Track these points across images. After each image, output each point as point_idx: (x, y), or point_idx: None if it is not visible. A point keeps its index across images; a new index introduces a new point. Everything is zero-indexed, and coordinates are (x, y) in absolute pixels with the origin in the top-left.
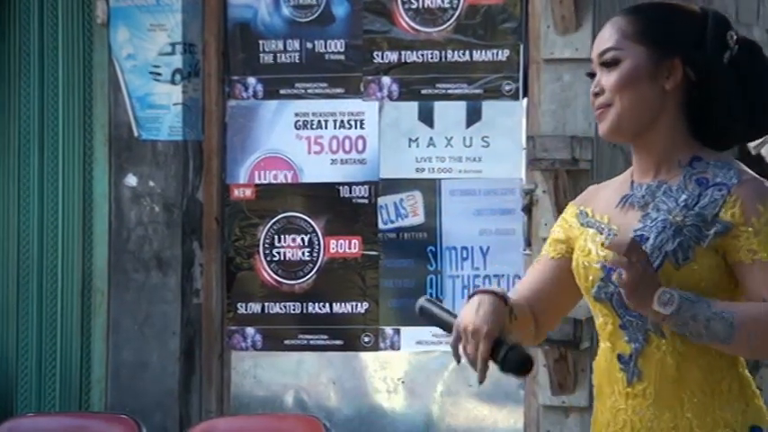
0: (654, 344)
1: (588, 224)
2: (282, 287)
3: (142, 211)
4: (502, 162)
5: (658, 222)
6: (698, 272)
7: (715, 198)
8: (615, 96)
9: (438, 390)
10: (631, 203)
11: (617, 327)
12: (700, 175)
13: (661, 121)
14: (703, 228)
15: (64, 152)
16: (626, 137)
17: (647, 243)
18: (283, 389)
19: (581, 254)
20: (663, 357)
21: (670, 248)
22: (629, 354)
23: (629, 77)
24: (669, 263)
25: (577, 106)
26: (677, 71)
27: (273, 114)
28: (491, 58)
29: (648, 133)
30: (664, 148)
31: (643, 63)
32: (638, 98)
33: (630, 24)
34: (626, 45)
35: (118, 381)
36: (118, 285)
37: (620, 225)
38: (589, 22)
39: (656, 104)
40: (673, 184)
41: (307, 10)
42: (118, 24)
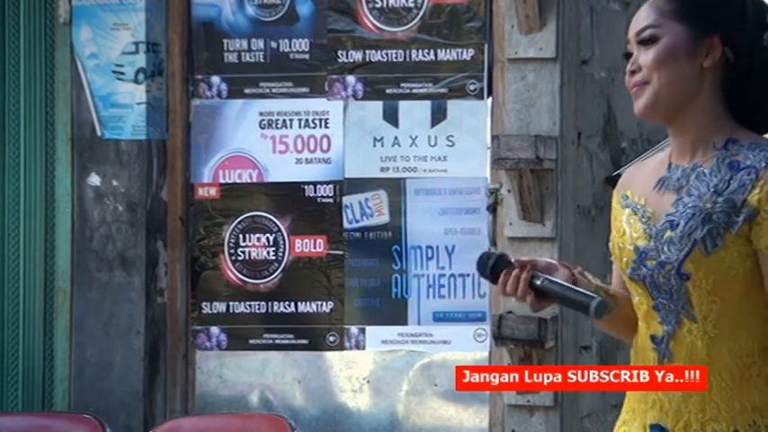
0: (686, 327)
1: (627, 205)
2: (247, 286)
3: (106, 211)
4: (467, 161)
5: (689, 209)
6: (727, 259)
7: (744, 182)
8: (653, 74)
9: (404, 389)
10: (667, 186)
11: (650, 308)
12: (732, 158)
13: (698, 100)
14: (733, 214)
15: (25, 151)
16: (661, 115)
17: (677, 229)
18: (249, 388)
19: (617, 234)
20: (693, 341)
21: (699, 236)
22: (661, 335)
23: (667, 55)
24: (699, 249)
25: (542, 106)
26: (716, 50)
27: (238, 113)
28: (456, 57)
29: (684, 113)
30: (699, 129)
31: (682, 41)
32: (675, 76)
33: (669, 2)
34: (664, 23)
35: (81, 380)
36: (81, 285)
37: (656, 208)
38: (553, 21)
39: (693, 83)
40: (706, 167)
41: (271, 9)
42: (80, 23)
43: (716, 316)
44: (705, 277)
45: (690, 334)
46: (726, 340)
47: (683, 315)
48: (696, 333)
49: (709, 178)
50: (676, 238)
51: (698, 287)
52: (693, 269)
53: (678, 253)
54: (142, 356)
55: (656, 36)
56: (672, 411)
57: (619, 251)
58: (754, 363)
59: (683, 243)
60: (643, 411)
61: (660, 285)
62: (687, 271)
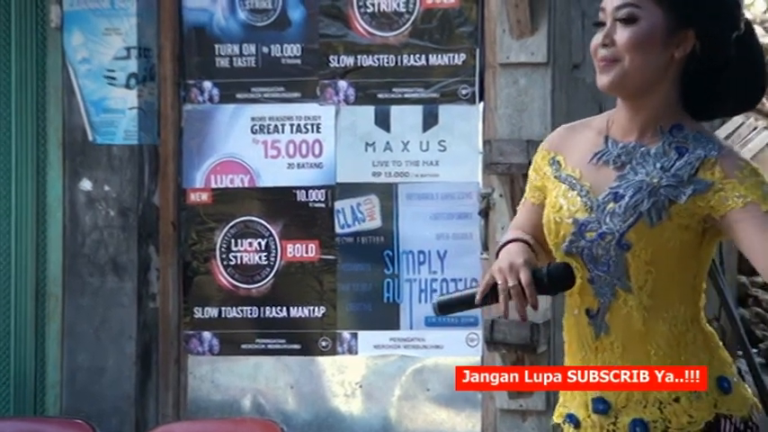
0: (621, 299)
1: (560, 178)
2: (239, 291)
3: (97, 216)
4: (458, 166)
5: (635, 183)
6: (667, 232)
7: (692, 163)
8: (626, 54)
9: (396, 394)
10: (605, 161)
11: (585, 281)
12: (680, 144)
13: (660, 87)
14: (679, 186)
15: (17, 156)
16: (623, 93)
17: (622, 201)
18: (241, 393)
19: (552, 209)
20: (629, 312)
21: (644, 208)
22: (597, 308)
23: (643, 39)
24: (643, 222)
25: (533, 110)
26: (689, 43)
27: (230, 118)
28: (447, 62)
29: (644, 96)
30: (652, 112)
31: (660, 28)
32: (647, 61)
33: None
34: (645, 4)
35: (73, 385)
36: (73, 290)
37: (593, 181)
38: (544, 26)
39: (661, 70)
40: (651, 148)
41: (263, 14)
42: (72, 28)
43: (651, 286)
44: (645, 248)
45: (625, 305)
46: (660, 310)
47: (618, 287)
48: (632, 304)
49: (655, 158)
50: (620, 209)
51: (637, 257)
52: (635, 239)
53: (621, 224)
54: (134, 361)
55: (635, 16)
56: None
57: (555, 225)
58: (688, 330)
59: (627, 214)
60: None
61: (598, 257)
62: (629, 241)
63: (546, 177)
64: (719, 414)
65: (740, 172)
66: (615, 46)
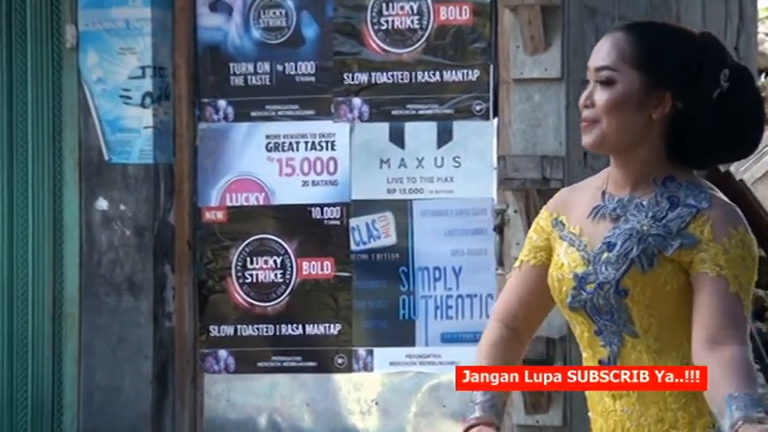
0: (629, 344)
1: (563, 237)
2: (255, 309)
3: (113, 235)
4: (473, 182)
5: (626, 231)
6: (662, 276)
7: (683, 215)
8: (603, 116)
9: (412, 411)
10: (602, 215)
11: (593, 333)
12: (672, 194)
13: (643, 145)
14: (668, 238)
15: (33, 176)
16: (607, 153)
17: (614, 250)
18: (257, 411)
19: (554, 267)
20: (639, 356)
21: (635, 255)
22: (608, 357)
23: (619, 102)
24: (635, 268)
25: (548, 126)
26: (666, 103)
27: (244, 137)
28: (461, 78)
29: (630, 153)
30: (641, 167)
31: (635, 90)
32: (624, 122)
33: (629, 46)
34: (622, 68)
35: (90, 405)
36: (89, 309)
37: (591, 236)
38: (558, 42)
39: (640, 130)
40: (644, 200)
41: (277, 32)
42: (87, 48)
43: (656, 329)
44: (642, 292)
45: (634, 350)
46: (669, 350)
47: (624, 333)
48: (640, 348)
49: (648, 208)
50: (613, 257)
51: (636, 302)
52: (631, 285)
53: (615, 272)
54: (150, 380)
55: (612, 79)
56: (632, 429)
57: (558, 283)
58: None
59: (619, 262)
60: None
61: (600, 308)
62: (625, 287)
63: (553, 239)
64: None
65: (728, 240)
66: (594, 107)
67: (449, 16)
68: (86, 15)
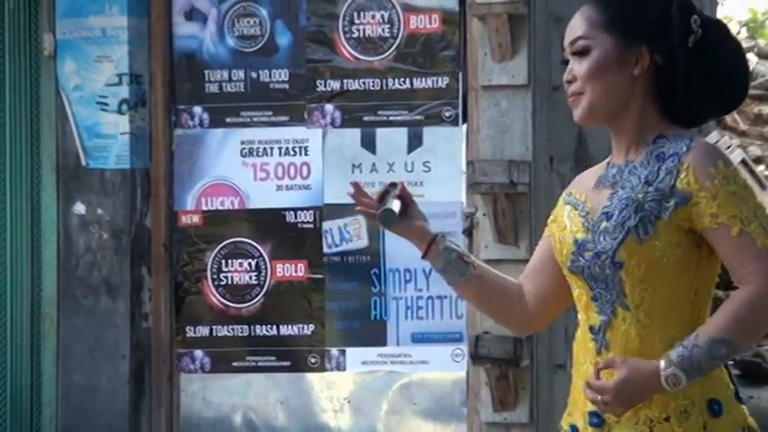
0: (620, 316)
1: (569, 202)
2: (230, 310)
3: (91, 238)
4: (443, 186)
5: (622, 200)
6: (660, 248)
7: (670, 170)
8: (586, 85)
9: (383, 408)
10: (604, 184)
11: (589, 299)
12: (659, 150)
13: (631, 105)
14: (663, 201)
15: (11, 181)
16: (599, 122)
17: (612, 219)
18: (232, 410)
19: (558, 228)
20: (627, 329)
21: (632, 224)
22: (599, 325)
23: (598, 66)
24: (632, 238)
25: (515, 131)
26: (644, 58)
27: (219, 142)
28: (431, 85)
29: (619, 117)
30: (633, 129)
31: (611, 52)
32: (607, 86)
33: (598, 14)
34: (595, 34)
35: (68, 403)
36: (67, 311)
37: (593, 204)
38: (525, 49)
39: (625, 91)
40: (637, 162)
41: (251, 40)
42: (65, 56)
43: (648, 304)
44: (637, 266)
45: (624, 322)
46: (657, 329)
47: (617, 304)
48: (630, 321)
49: (640, 171)
50: (610, 227)
51: (630, 275)
52: (626, 257)
53: (612, 242)
54: (127, 379)
55: (588, 47)
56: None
57: (560, 245)
58: None
59: (616, 232)
60: (583, 400)
61: (597, 276)
62: (620, 259)
63: (559, 207)
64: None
65: (711, 183)
66: (577, 79)
67: (418, 25)
68: (64, 24)
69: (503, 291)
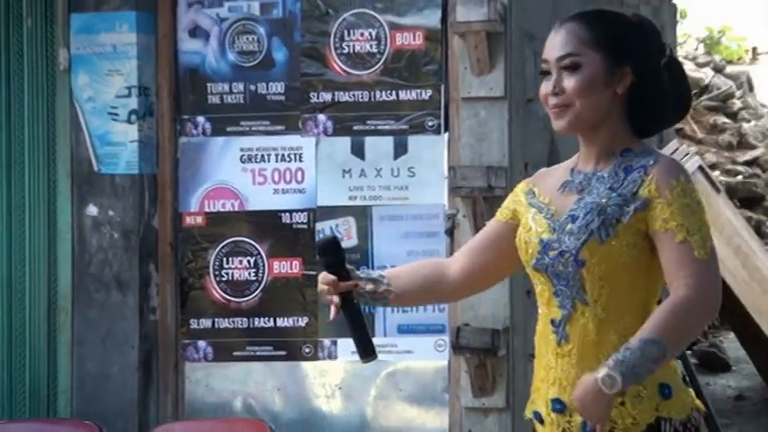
0: (579, 311)
1: (533, 204)
2: (231, 304)
3: (102, 238)
4: (426, 190)
5: (588, 204)
6: (617, 248)
7: (635, 179)
8: (576, 99)
9: (371, 394)
10: (570, 189)
11: (551, 294)
12: (626, 163)
13: (609, 120)
14: (624, 206)
15: (30, 185)
16: (579, 132)
17: (577, 222)
18: (232, 395)
19: (523, 230)
20: (586, 323)
21: (595, 226)
22: (560, 319)
23: (589, 83)
24: (594, 239)
25: (492, 140)
26: (627, 78)
27: (221, 149)
28: (415, 97)
29: (597, 130)
30: (606, 142)
31: (600, 70)
32: (594, 101)
33: (587, 32)
34: (584, 52)
35: (82, 390)
36: (81, 304)
37: (558, 207)
38: (501, 64)
39: (608, 106)
40: (605, 172)
41: (250, 56)
42: (78, 70)
43: (605, 300)
44: (598, 264)
45: (583, 316)
46: (613, 322)
47: (577, 299)
48: (588, 315)
49: (607, 180)
50: (575, 229)
51: (591, 273)
52: (589, 256)
53: (576, 242)
54: (136, 368)
55: (578, 64)
56: (569, 387)
57: (525, 244)
58: None
59: (580, 233)
60: (546, 389)
61: (559, 273)
62: (583, 258)
63: (520, 203)
64: (660, 417)
65: (670, 192)
66: (565, 93)
67: (404, 41)
68: (78, 40)
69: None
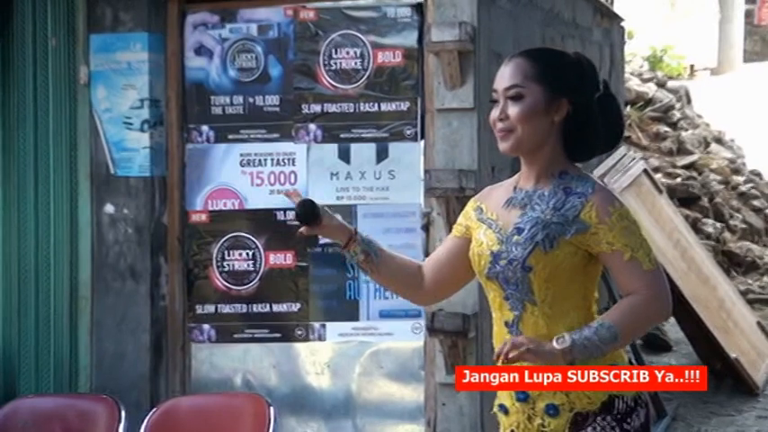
0: (529, 310)
1: (482, 220)
2: (231, 292)
3: (118, 233)
4: (405, 191)
5: (532, 219)
6: (560, 256)
7: (575, 204)
8: (518, 125)
9: (356, 371)
10: (513, 204)
11: (503, 299)
12: (566, 185)
13: (547, 144)
14: (566, 225)
15: (54, 187)
16: (520, 154)
17: (523, 234)
18: (233, 373)
19: (475, 244)
20: (536, 320)
21: (540, 239)
22: (512, 320)
23: (530, 112)
24: (539, 249)
25: (464, 146)
26: (564, 108)
27: (223, 154)
28: (395, 108)
29: (537, 152)
30: (544, 163)
31: (541, 101)
32: (534, 128)
33: (532, 67)
34: (528, 84)
35: (100, 368)
36: (99, 292)
37: (505, 221)
38: (471, 79)
39: (546, 132)
40: (546, 190)
41: (248, 72)
42: (97, 84)
43: (551, 299)
44: (543, 269)
45: (533, 315)
46: (559, 317)
47: (526, 301)
48: (537, 314)
49: (548, 198)
50: (522, 240)
51: (538, 276)
52: (535, 263)
53: (523, 251)
54: (148, 348)
55: (521, 94)
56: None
57: (478, 257)
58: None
59: (527, 243)
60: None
61: (509, 279)
62: (530, 264)
63: (471, 220)
64: (613, 395)
65: (609, 219)
66: (509, 119)
67: (385, 59)
68: (96, 58)
69: (403, 276)
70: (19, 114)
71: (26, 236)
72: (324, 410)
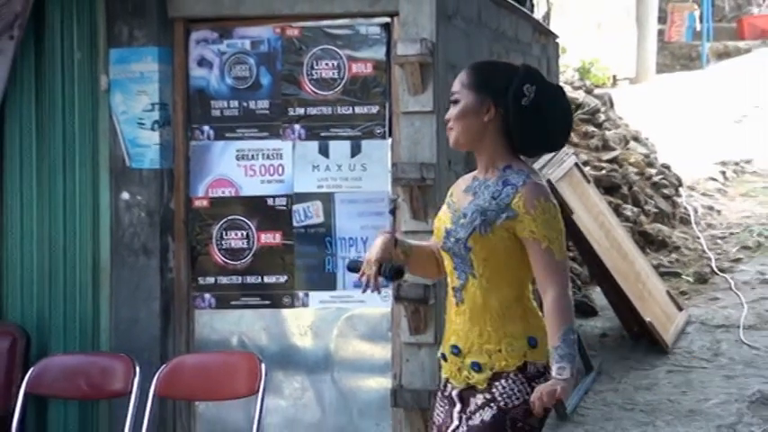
0: (470, 282)
1: (448, 204)
2: (229, 266)
3: (133, 217)
4: (375, 180)
5: (474, 205)
6: (494, 240)
7: (509, 193)
8: (454, 124)
9: (334, 333)
10: (468, 191)
11: (453, 268)
12: (505, 177)
13: (485, 140)
14: (498, 212)
15: (79, 177)
16: (464, 148)
17: (466, 218)
18: (230, 335)
19: (438, 220)
20: (475, 291)
21: (477, 223)
22: (457, 287)
23: (460, 113)
24: (477, 232)
25: (425, 143)
26: (491, 110)
27: (221, 150)
28: (367, 111)
29: (478, 147)
30: (488, 157)
31: (470, 104)
32: (467, 127)
33: (467, 77)
34: (463, 91)
35: (118, 330)
36: (117, 266)
37: (459, 205)
38: (431, 87)
39: (479, 130)
40: (491, 181)
41: (243, 80)
42: (115, 91)
43: (488, 275)
44: (481, 249)
45: (473, 286)
46: (494, 291)
47: (468, 273)
48: (476, 285)
49: (491, 188)
50: (465, 223)
51: (476, 255)
52: (473, 243)
53: (465, 233)
54: (158, 314)
55: (457, 99)
56: (463, 337)
57: (437, 231)
58: (511, 306)
59: (467, 226)
60: (447, 339)
61: (456, 253)
62: (470, 245)
63: (444, 202)
64: (527, 361)
65: (534, 210)
66: (450, 120)
67: (358, 70)
68: (115, 68)
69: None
70: (50, 117)
71: (56, 218)
72: (307, 366)
